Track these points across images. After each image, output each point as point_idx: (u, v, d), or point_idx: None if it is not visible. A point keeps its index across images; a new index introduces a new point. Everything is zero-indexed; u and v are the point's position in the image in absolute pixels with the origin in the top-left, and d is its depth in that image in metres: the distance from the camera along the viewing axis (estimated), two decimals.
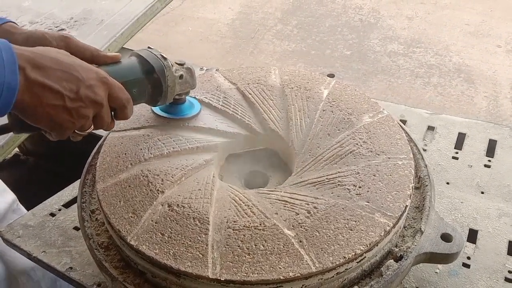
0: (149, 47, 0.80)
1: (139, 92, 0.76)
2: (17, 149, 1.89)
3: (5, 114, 0.61)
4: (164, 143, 0.84)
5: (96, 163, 0.84)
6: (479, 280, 0.81)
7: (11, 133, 0.79)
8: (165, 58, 0.78)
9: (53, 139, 0.70)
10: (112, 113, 0.72)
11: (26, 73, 0.59)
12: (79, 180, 0.89)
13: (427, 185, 0.82)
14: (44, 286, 1.07)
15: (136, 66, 0.77)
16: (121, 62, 0.76)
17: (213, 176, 0.79)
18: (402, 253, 0.72)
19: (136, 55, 0.79)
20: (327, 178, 0.77)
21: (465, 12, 3.47)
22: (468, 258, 0.85)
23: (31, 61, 0.60)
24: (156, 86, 0.78)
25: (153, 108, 0.89)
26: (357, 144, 0.82)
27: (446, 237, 0.73)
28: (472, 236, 0.89)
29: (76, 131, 0.68)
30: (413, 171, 0.78)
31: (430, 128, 1.12)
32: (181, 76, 0.80)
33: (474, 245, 0.87)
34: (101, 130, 0.74)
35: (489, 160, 1.03)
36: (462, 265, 0.84)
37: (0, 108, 0.58)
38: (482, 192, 0.97)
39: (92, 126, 0.70)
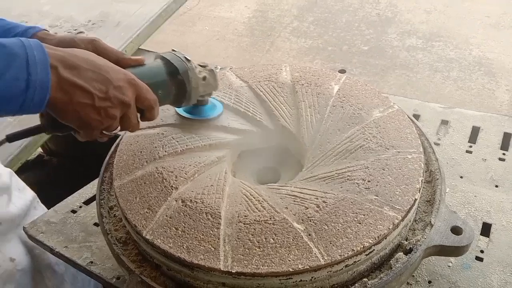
0: (173, 50, 0.82)
1: (164, 94, 0.78)
2: (41, 149, 1.95)
3: (40, 111, 0.63)
4: (178, 141, 0.86)
5: (114, 161, 0.87)
6: (492, 273, 0.81)
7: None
8: (188, 60, 0.79)
9: (82, 139, 0.73)
10: (139, 114, 0.74)
11: (58, 71, 0.62)
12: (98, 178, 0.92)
13: (437, 179, 0.82)
14: (67, 278, 1.11)
15: (161, 68, 0.78)
16: (145, 65, 0.78)
17: (225, 172, 0.81)
18: (411, 246, 0.72)
19: (161, 57, 0.80)
20: (336, 173, 0.78)
21: (485, 4, 3.40)
22: (482, 251, 0.85)
23: (63, 60, 0.63)
24: (181, 87, 0.80)
25: (177, 109, 0.91)
26: (367, 138, 0.83)
27: (456, 230, 0.73)
28: (486, 229, 0.89)
29: (103, 131, 0.71)
30: (422, 164, 0.78)
31: (444, 122, 1.12)
32: (204, 78, 0.82)
33: (488, 238, 0.87)
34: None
35: (504, 154, 1.02)
36: (475, 259, 0.84)
37: (34, 105, 0.60)
38: (496, 186, 0.96)
39: (119, 127, 0.72)
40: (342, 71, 1.05)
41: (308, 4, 3.65)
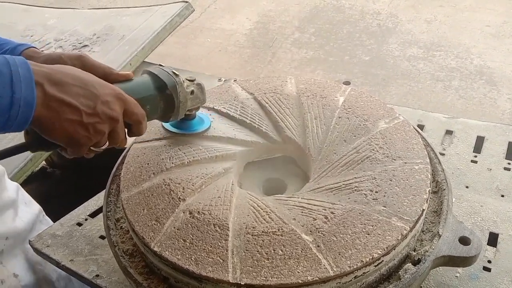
0: (160, 65, 0.83)
1: (152, 109, 0.78)
2: (44, 162, 1.95)
3: (23, 129, 0.63)
4: (184, 153, 0.87)
5: (120, 173, 0.88)
6: (500, 284, 0.81)
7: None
8: (176, 75, 0.80)
9: (69, 156, 0.72)
10: (126, 130, 0.74)
11: (44, 88, 0.61)
12: (104, 190, 0.92)
13: (444, 189, 0.82)
14: None
15: (148, 83, 0.79)
16: (133, 80, 0.78)
17: (232, 184, 0.81)
18: (420, 257, 0.72)
19: (148, 72, 0.81)
20: (343, 184, 0.78)
21: (485, 14, 3.43)
22: (489, 261, 0.84)
23: (49, 76, 0.62)
24: (169, 102, 0.80)
25: (164, 124, 0.91)
26: (373, 149, 0.83)
27: (464, 240, 0.73)
28: (493, 239, 0.88)
29: (91, 147, 0.70)
30: (429, 175, 0.78)
31: (448, 132, 1.12)
32: (192, 92, 0.82)
33: (495, 248, 0.87)
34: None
35: (509, 163, 1.02)
36: (483, 269, 0.83)
37: (18, 123, 0.59)
38: (502, 195, 0.96)
39: (107, 142, 0.72)
40: (347, 83, 1.05)
41: (309, 15, 3.68)
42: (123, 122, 0.71)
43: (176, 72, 0.80)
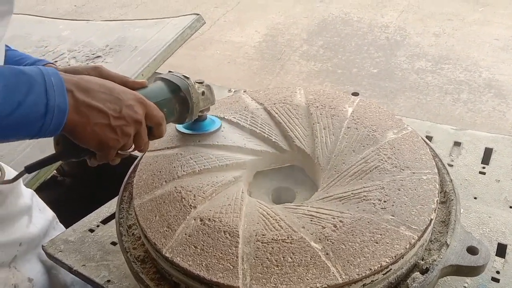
0: (170, 71, 0.87)
1: (169, 111, 0.82)
2: (55, 171, 1.98)
3: (56, 134, 0.67)
4: (195, 161, 0.88)
5: (133, 181, 0.89)
6: None
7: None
8: (187, 78, 0.85)
9: (97, 163, 0.76)
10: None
11: (74, 95, 0.66)
12: (116, 197, 0.94)
13: (452, 200, 0.83)
14: None
15: (163, 87, 0.83)
16: (148, 86, 0.82)
17: (242, 192, 0.83)
18: (428, 266, 0.73)
19: (161, 78, 0.85)
20: (352, 193, 0.79)
21: (494, 27, 3.44)
22: (498, 272, 0.85)
23: (78, 84, 0.67)
24: (184, 103, 0.84)
25: (177, 127, 0.95)
26: (381, 159, 0.84)
27: (472, 250, 0.74)
28: (501, 250, 0.89)
29: (118, 151, 0.74)
30: (437, 185, 0.79)
31: (457, 144, 1.13)
32: (203, 93, 0.87)
33: (504, 259, 0.87)
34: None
35: None
36: (492, 280, 0.84)
37: (52, 128, 0.64)
38: (511, 207, 0.96)
39: (133, 146, 0.76)
40: (355, 94, 1.07)
41: (317, 28, 3.72)
42: (145, 125, 0.75)
43: (187, 75, 0.85)
